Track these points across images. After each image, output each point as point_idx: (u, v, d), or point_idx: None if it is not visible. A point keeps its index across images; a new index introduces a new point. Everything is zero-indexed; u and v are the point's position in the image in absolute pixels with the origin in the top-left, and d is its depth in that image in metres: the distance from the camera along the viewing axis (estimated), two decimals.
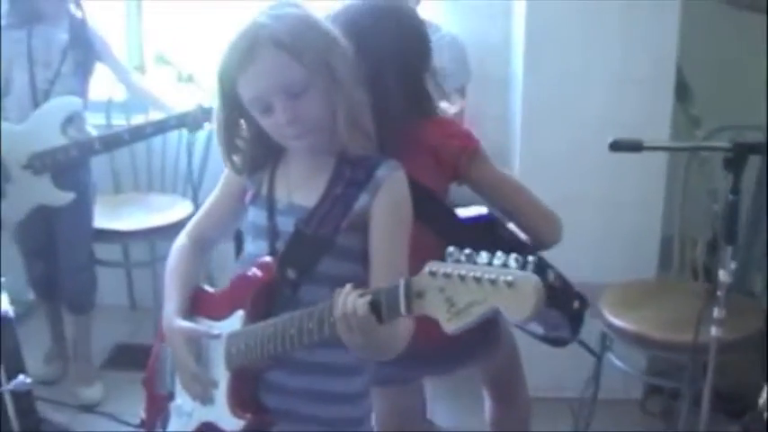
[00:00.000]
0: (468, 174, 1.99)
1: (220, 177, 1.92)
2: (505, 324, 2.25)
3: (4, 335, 2.46)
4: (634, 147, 2.16)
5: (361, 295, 1.48)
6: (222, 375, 1.78)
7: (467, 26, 3.72)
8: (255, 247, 1.81)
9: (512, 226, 2.05)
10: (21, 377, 2.40)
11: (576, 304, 2.06)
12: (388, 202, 1.71)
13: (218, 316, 1.82)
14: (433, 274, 1.37)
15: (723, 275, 2.17)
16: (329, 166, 1.74)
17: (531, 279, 1.28)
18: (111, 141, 3.28)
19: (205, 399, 1.79)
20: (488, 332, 2.18)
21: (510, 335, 2.34)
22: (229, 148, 1.79)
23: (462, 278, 1.32)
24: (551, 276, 2.01)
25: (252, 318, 1.73)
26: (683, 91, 3.30)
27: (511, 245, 2.00)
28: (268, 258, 1.75)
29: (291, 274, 1.71)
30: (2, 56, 3.31)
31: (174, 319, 1.81)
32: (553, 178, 3.07)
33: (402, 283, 1.42)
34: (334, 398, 1.80)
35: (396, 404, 2.29)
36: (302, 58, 1.64)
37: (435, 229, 1.92)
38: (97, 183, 3.57)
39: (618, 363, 2.87)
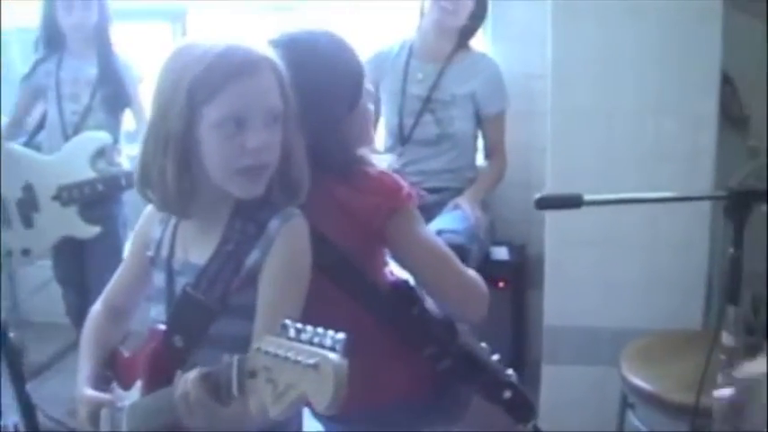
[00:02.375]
0: (382, 235, 1.76)
1: None
2: None
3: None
4: (568, 203, 1.82)
5: (200, 375, 1.36)
6: None
7: (512, 54, 3.54)
8: (156, 312, 1.73)
9: None
10: None
11: (506, 394, 1.88)
12: (280, 257, 1.59)
13: (126, 385, 1.74)
14: (259, 351, 1.24)
15: (726, 338, 1.91)
16: (223, 220, 1.63)
17: (330, 361, 1.15)
18: None
19: None
20: (452, 395, 1.97)
21: None
22: (179, 176, 1.59)
23: (283, 358, 1.20)
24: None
25: (148, 388, 1.63)
26: (739, 120, 3.02)
27: (424, 315, 1.85)
28: (160, 326, 1.66)
29: (178, 341, 1.61)
30: (35, 88, 3.38)
31: (82, 387, 1.75)
32: (586, 218, 2.84)
33: (235, 361, 1.30)
34: None
35: None
36: (284, 93, 1.59)
37: (346, 290, 1.77)
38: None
39: (638, 424, 2.60)
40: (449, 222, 3.08)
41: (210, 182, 1.61)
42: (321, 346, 1.18)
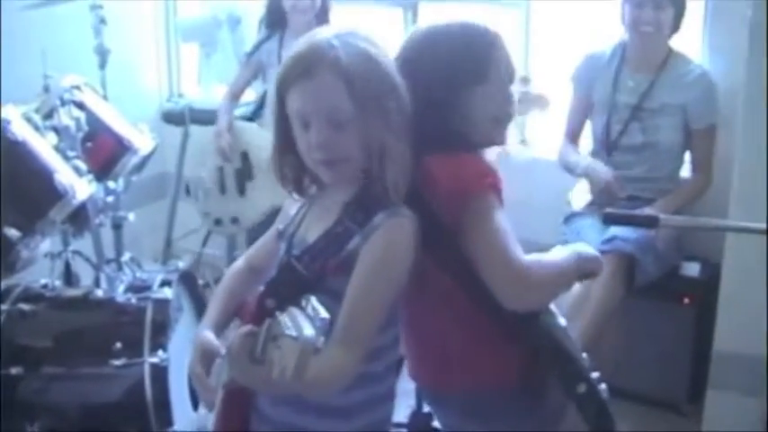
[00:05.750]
0: (458, 222, 1.76)
1: None
2: None
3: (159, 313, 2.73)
4: (641, 221, 1.85)
5: (246, 331, 1.46)
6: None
7: (726, 65, 3.34)
8: None
9: None
10: (160, 352, 2.65)
11: (581, 387, 1.84)
12: (377, 248, 1.66)
13: None
14: (276, 319, 1.36)
15: None
16: (341, 207, 1.74)
17: (303, 336, 1.27)
18: None
19: (210, 407, 1.84)
20: (543, 396, 1.92)
21: None
22: (280, 158, 1.80)
23: (284, 328, 1.32)
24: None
25: None
26: None
27: None
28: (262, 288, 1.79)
29: (270, 303, 1.71)
30: (256, 65, 3.64)
31: (203, 328, 1.89)
32: None
33: (266, 323, 1.40)
34: None
35: None
36: (354, 92, 1.65)
37: (444, 269, 1.80)
38: None
39: None
40: (625, 230, 3.03)
41: None
42: (312, 323, 1.30)
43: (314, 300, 1.33)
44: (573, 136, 3.54)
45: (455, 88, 1.82)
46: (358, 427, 1.79)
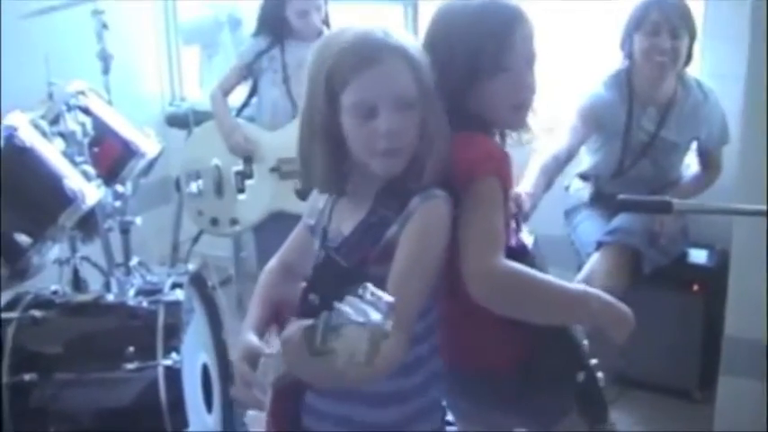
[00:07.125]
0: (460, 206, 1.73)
1: None
2: None
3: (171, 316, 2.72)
4: (655, 207, 1.79)
5: (304, 324, 1.42)
6: None
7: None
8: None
9: None
10: (173, 355, 2.65)
11: (580, 376, 1.83)
12: (415, 232, 1.66)
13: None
14: (337, 308, 1.32)
15: None
16: (373, 196, 1.73)
17: (371, 321, 1.25)
18: None
19: (257, 406, 1.84)
20: (546, 390, 1.92)
21: None
22: (330, 159, 1.74)
23: (347, 316, 1.29)
24: None
25: None
26: None
27: None
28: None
29: (314, 299, 1.71)
30: (255, 72, 3.58)
31: (244, 331, 1.89)
32: None
33: (324, 314, 1.37)
34: (362, 425, 1.78)
35: None
36: (420, 78, 1.68)
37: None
38: None
39: None
40: (627, 221, 3.03)
41: (358, 161, 1.72)
42: (377, 308, 1.27)
43: (372, 286, 1.31)
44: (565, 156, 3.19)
45: (471, 78, 1.80)
46: (412, 411, 1.79)
